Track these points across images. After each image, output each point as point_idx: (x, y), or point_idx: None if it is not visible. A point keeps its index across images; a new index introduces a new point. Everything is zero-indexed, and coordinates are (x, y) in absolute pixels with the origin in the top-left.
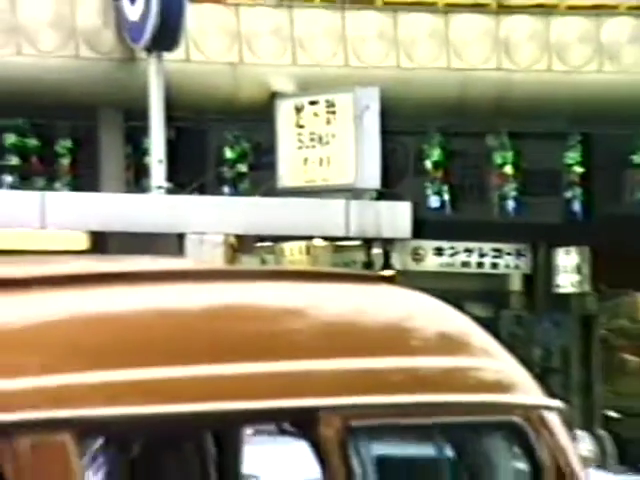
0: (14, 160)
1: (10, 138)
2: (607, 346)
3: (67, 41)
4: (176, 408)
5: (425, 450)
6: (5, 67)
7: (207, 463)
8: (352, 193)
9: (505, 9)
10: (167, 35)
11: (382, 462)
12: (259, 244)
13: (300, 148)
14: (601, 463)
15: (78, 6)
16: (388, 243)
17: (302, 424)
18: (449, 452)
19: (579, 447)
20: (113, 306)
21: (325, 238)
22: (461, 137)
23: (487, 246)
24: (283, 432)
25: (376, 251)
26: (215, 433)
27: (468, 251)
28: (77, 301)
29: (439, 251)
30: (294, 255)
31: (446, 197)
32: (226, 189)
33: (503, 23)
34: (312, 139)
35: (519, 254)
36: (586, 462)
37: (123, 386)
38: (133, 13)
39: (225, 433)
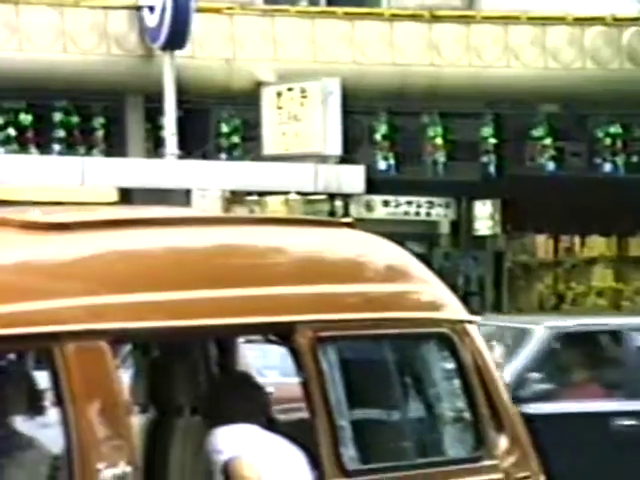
0: (60, 133)
1: (58, 116)
2: (512, 275)
3: (101, 42)
4: (185, 323)
5: (378, 354)
6: (53, 62)
7: (210, 364)
8: (319, 158)
9: (436, 18)
10: (177, 38)
11: (345, 363)
12: (248, 198)
13: (280, 124)
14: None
15: (109, 15)
16: (347, 197)
17: (283, 335)
18: (395, 355)
19: (491, 352)
20: (137, 244)
21: (299, 193)
22: (402, 116)
23: (422, 199)
24: (269, 342)
25: (338, 203)
26: (217, 341)
27: (408, 203)
28: (109, 240)
29: (386, 203)
30: (275, 206)
31: (391, 162)
32: (223, 155)
33: (434, 29)
34: (289, 117)
35: (447, 205)
36: (498, 364)
37: (145, 305)
38: (152, 21)
39: (224, 342)
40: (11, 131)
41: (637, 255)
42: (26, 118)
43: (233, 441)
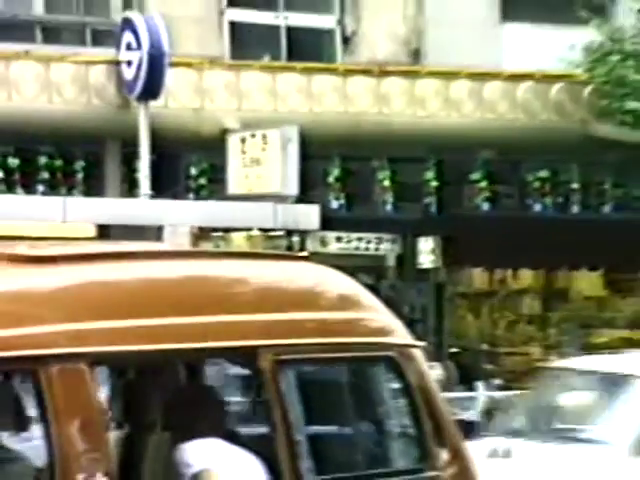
0: (45, 175)
1: (42, 160)
2: (452, 304)
3: (82, 93)
4: (157, 347)
5: (332, 375)
6: (38, 111)
7: (179, 383)
8: (278, 198)
9: (385, 73)
10: (152, 89)
11: (302, 384)
12: (214, 234)
13: (243, 167)
14: (448, 384)
15: (90, 69)
16: (303, 233)
17: (246, 358)
18: (347, 377)
19: (434, 373)
20: (114, 276)
21: (260, 229)
22: (354, 160)
23: (372, 236)
24: (234, 363)
25: (295, 239)
26: (186, 364)
27: (359, 239)
28: (88, 272)
29: (339, 239)
30: (238, 242)
31: (343, 202)
32: (191, 195)
33: (383, 82)
34: (252, 161)
35: (393, 241)
36: (439, 383)
37: (121, 330)
38: (129, 74)
39: (193, 364)
40: None
41: (562, 287)
42: (13, 162)
43: (200, 455)
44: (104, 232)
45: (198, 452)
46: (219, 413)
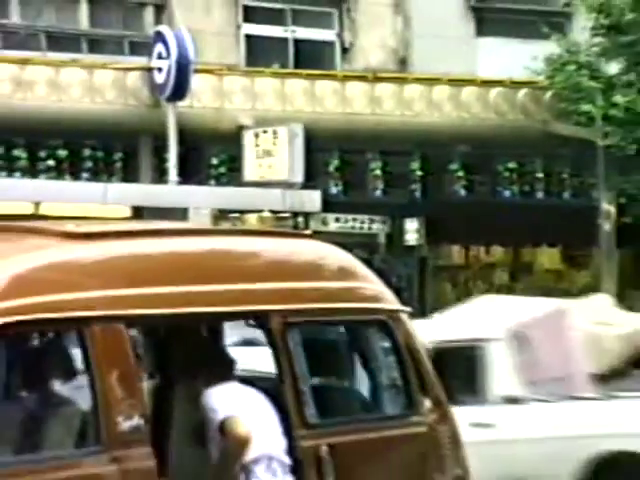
0: (88, 164)
1: (87, 152)
2: (434, 275)
3: (121, 94)
4: (184, 310)
5: (332, 335)
6: (83, 110)
7: (203, 341)
8: (286, 185)
9: (377, 79)
10: (179, 92)
11: (307, 342)
12: (231, 215)
13: (257, 158)
14: None
15: (127, 74)
16: (307, 215)
17: (260, 320)
18: (345, 336)
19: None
20: (146, 250)
21: (270, 211)
22: (351, 153)
23: (365, 217)
24: (249, 325)
25: (300, 219)
26: (208, 325)
27: (354, 220)
28: (125, 247)
29: (337, 219)
30: (252, 222)
31: (341, 188)
32: (212, 182)
33: (376, 87)
34: (264, 153)
35: (383, 222)
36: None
37: (152, 296)
38: (160, 79)
39: (214, 325)
40: (51, 162)
41: (526, 261)
42: (62, 153)
43: (223, 400)
44: (138, 213)
45: (221, 397)
46: (233, 363)
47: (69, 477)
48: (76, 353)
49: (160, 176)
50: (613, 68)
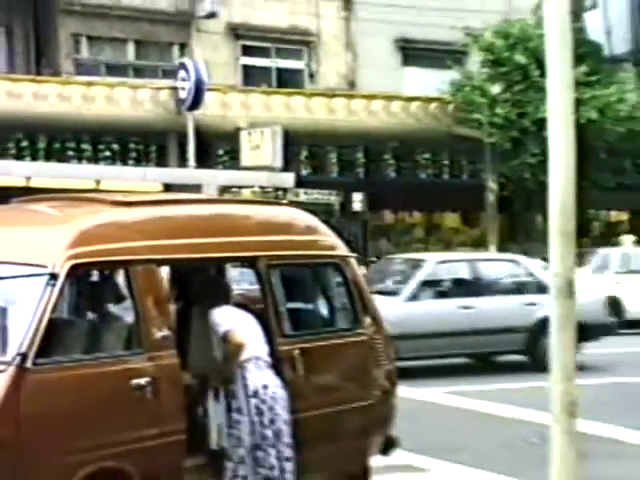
0: (133, 154)
1: (131, 145)
2: (372, 233)
3: (156, 106)
4: (199, 255)
5: (301, 273)
6: (130, 117)
7: (212, 277)
8: (270, 169)
9: (334, 95)
10: (196, 104)
11: (284, 278)
12: (232, 190)
13: (250, 150)
14: (368, 278)
15: (160, 92)
16: (285, 190)
17: (250, 263)
18: (311, 274)
19: (361, 271)
20: (172, 213)
21: (259, 187)
22: (315, 147)
23: (326, 191)
24: (243, 266)
25: (279, 192)
26: (215, 266)
27: (318, 193)
28: (157, 211)
29: (306, 193)
30: (246, 195)
31: (309, 171)
32: (219, 167)
33: (333, 101)
34: (254, 147)
35: (338, 195)
36: (363, 278)
37: (176, 245)
38: (183, 94)
39: (219, 266)
40: (107, 153)
41: (436, 222)
42: (115, 147)
43: (223, 317)
44: (167, 188)
45: (222, 316)
46: (230, 293)
47: (121, 369)
48: (123, 285)
49: (182, 162)
50: (495, 89)
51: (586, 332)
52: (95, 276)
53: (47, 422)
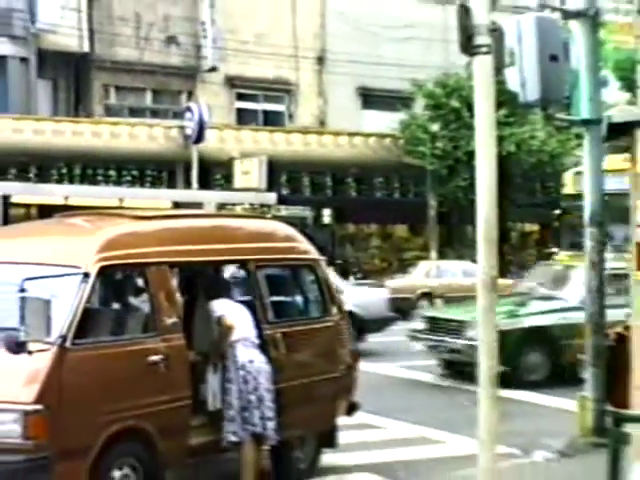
0: (148, 179)
1: (148, 172)
2: (339, 241)
3: (167, 140)
4: (201, 259)
5: (281, 273)
6: (147, 150)
7: (212, 275)
8: (258, 190)
9: (308, 132)
10: (200, 138)
11: (268, 277)
12: (227, 206)
13: (241, 174)
14: (335, 277)
15: (171, 130)
16: (269, 206)
17: (243, 265)
18: (289, 274)
19: (329, 271)
20: (180, 225)
21: (249, 204)
22: (294, 172)
23: (301, 207)
24: (237, 267)
25: (265, 209)
26: (214, 267)
27: (295, 209)
28: (168, 223)
29: (286, 209)
30: (238, 210)
31: (288, 191)
32: (217, 188)
33: (307, 136)
34: (244, 172)
35: (311, 210)
36: (331, 278)
37: (183, 251)
38: (188, 132)
39: (217, 267)
40: (128, 177)
41: (389, 232)
42: (135, 172)
43: (219, 307)
44: (176, 206)
45: (218, 306)
46: (228, 288)
47: (140, 348)
48: (141, 282)
49: (188, 185)
50: (435, 127)
51: (369, 325)
52: (119, 275)
53: (82, 390)
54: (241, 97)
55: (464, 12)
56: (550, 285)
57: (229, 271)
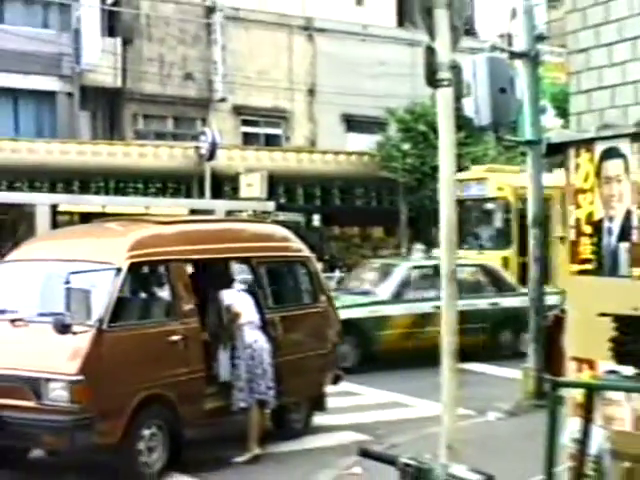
0: (170, 192)
1: (170, 185)
2: (327, 241)
3: (185, 159)
4: (213, 256)
5: (279, 268)
6: (166, 167)
7: (221, 270)
8: (259, 199)
9: (301, 151)
10: (211, 157)
11: (268, 271)
12: (235, 213)
13: (246, 186)
14: (323, 271)
15: (188, 150)
16: (269, 212)
17: (246, 262)
18: (285, 269)
19: (319, 266)
20: (194, 228)
21: (253, 211)
22: (289, 184)
23: (295, 213)
24: (241, 263)
25: (265, 215)
26: (223, 263)
27: (291, 215)
28: (185, 227)
29: (283, 215)
30: (244, 216)
31: (285, 200)
32: (226, 197)
33: (300, 155)
34: (249, 184)
35: (303, 216)
36: (320, 270)
37: (197, 249)
38: (203, 151)
39: (226, 263)
40: (152, 190)
41: (368, 233)
42: (158, 185)
43: (227, 296)
44: (192, 213)
45: (227, 295)
46: (233, 281)
47: (163, 330)
48: (164, 275)
49: (201, 196)
50: (406, 147)
51: None
52: (145, 269)
53: (116, 364)
54: (246, 123)
55: (430, 52)
56: (370, 282)
57: (240, 275)
